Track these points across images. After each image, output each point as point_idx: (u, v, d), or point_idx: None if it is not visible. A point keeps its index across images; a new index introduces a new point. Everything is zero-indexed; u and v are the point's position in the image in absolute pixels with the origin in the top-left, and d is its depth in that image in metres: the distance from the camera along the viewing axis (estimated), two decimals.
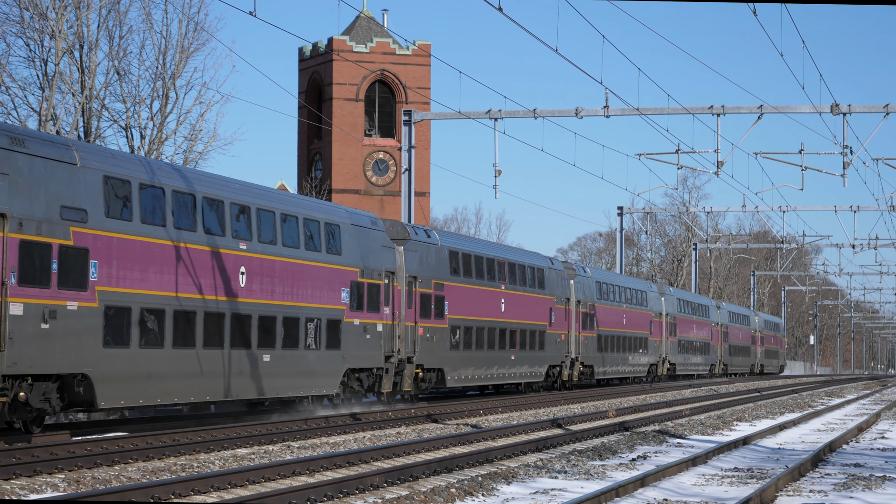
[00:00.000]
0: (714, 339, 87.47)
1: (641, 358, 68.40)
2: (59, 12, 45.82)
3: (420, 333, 40.61)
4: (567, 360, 55.84)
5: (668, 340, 74.64)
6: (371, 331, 37.36)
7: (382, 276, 38.06)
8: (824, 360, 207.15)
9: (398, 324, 39.19)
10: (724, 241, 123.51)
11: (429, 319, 41.40)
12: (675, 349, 76.59)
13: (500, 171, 49.59)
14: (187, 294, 28.79)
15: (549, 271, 53.74)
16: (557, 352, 54.31)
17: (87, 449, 23.33)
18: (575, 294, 56.80)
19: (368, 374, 37.70)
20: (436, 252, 42.34)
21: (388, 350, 38.50)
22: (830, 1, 13.48)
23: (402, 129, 51.82)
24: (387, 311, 38.39)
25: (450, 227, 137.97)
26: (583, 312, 57.81)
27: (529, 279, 50.93)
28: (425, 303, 41.17)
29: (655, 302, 72.35)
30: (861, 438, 31.74)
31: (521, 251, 55.31)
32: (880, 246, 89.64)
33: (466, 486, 19.02)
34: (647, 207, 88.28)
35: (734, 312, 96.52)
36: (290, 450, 25.01)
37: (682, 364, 79.05)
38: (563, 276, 55.68)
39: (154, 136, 49.33)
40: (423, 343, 40.91)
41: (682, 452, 26.13)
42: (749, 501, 17.17)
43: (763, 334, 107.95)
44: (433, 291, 41.75)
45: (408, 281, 39.88)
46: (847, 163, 47.90)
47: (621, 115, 49.23)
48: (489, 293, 46.62)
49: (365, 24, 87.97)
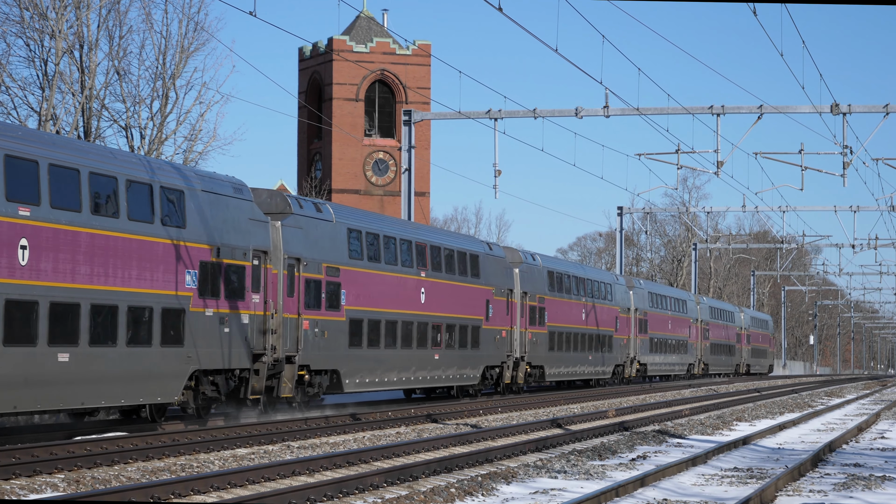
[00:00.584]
0: (693, 336, 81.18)
1: (604, 357, 61.68)
2: (59, 12, 45.83)
3: (305, 327, 34.02)
4: (509, 361, 49.11)
5: (638, 338, 68.77)
6: (231, 323, 30.59)
7: (249, 255, 31.21)
8: (824, 360, 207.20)
9: (273, 315, 32.35)
10: (723, 241, 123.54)
11: (318, 310, 34.71)
12: (645, 348, 70.21)
13: (500, 171, 49.62)
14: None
15: (487, 258, 46.85)
16: (496, 350, 47.54)
17: (86, 449, 23.33)
18: (521, 285, 50.20)
19: (228, 376, 30.93)
20: (331, 230, 35.72)
21: (257, 347, 31.82)
22: (830, 1, 13.48)
23: (402, 129, 51.83)
24: (255, 299, 31.60)
25: (450, 226, 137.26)
26: (530, 306, 51.15)
27: (460, 266, 44.22)
28: (314, 290, 34.56)
29: (623, 296, 65.78)
30: (861, 438, 31.74)
31: (449, 234, 49.31)
32: (880, 246, 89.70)
33: (466, 486, 19.03)
34: (647, 207, 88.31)
35: (716, 308, 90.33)
36: (289, 450, 25.02)
37: (656, 364, 72.80)
38: (504, 263, 48.93)
39: (154, 135, 49.35)
40: (310, 339, 34.27)
41: (682, 452, 26.13)
42: (749, 501, 17.17)
43: (749, 332, 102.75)
44: (325, 277, 35.05)
45: (288, 263, 33.19)
46: (847, 163, 47.91)
47: (621, 115, 49.24)
48: (404, 280, 40.07)
49: (365, 24, 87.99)
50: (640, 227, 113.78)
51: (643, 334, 70.02)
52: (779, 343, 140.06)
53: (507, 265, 49.28)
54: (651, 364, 71.72)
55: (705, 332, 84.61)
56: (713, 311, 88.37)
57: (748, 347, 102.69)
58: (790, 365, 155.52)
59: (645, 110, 48.83)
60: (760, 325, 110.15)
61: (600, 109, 49.02)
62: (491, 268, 47.15)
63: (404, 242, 40.28)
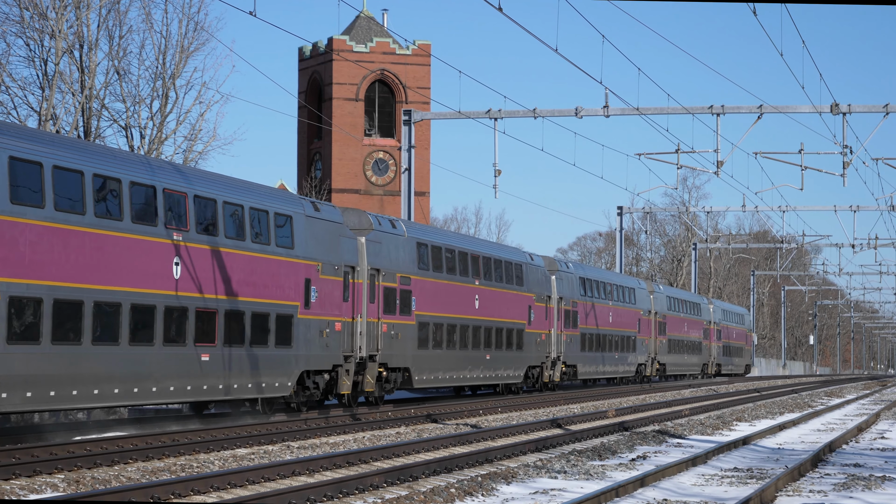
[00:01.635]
0: (643, 331, 70.51)
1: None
2: (59, 12, 45.81)
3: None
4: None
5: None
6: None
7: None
8: (824, 360, 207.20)
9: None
10: (723, 240, 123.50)
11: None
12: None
13: (499, 170, 49.59)
14: None
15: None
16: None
17: (86, 449, 23.34)
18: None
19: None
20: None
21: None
22: (830, 1, 13.48)
23: (402, 128, 51.83)
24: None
25: (450, 226, 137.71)
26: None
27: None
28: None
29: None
30: (861, 438, 31.74)
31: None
32: (880, 246, 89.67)
33: (466, 486, 19.02)
34: (647, 207, 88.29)
35: (676, 299, 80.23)
36: (289, 450, 25.02)
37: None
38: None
39: (154, 135, 49.32)
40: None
41: (682, 452, 26.13)
42: (749, 501, 17.17)
43: (720, 327, 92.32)
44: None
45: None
46: (847, 163, 47.90)
47: (621, 114, 49.23)
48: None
49: (365, 24, 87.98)
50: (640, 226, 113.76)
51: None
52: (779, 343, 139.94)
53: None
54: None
55: (661, 325, 79.61)
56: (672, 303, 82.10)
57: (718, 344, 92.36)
58: (790, 365, 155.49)
59: (645, 110, 48.82)
60: (735, 320, 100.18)
61: (600, 109, 49.01)
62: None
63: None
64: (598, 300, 60.73)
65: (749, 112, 48.90)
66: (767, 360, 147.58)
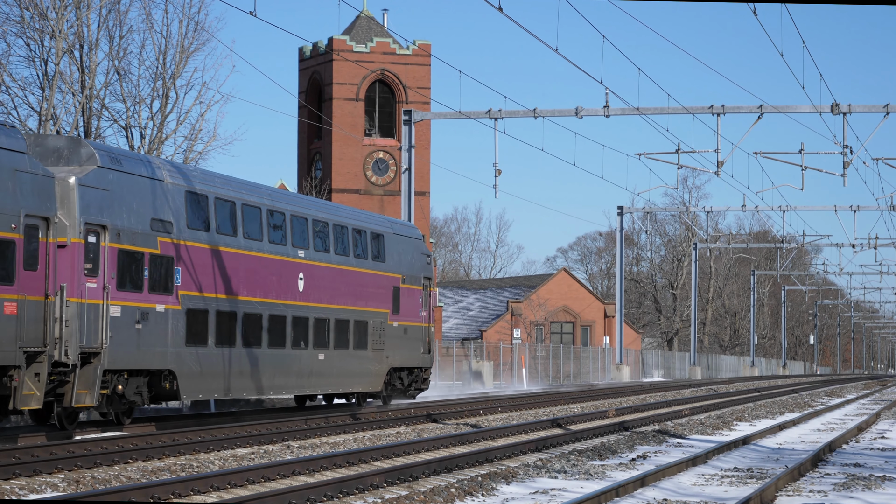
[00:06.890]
0: None
1: None
2: (59, 12, 45.81)
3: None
4: None
5: None
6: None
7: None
8: (824, 360, 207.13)
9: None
10: (724, 240, 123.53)
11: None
12: None
13: (500, 170, 49.65)
14: None
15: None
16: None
17: (86, 449, 23.34)
18: None
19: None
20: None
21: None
22: (830, 1, 13.48)
23: (402, 128, 51.85)
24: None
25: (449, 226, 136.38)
26: None
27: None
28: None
29: None
30: (861, 438, 31.75)
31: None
32: (880, 246, 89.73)
33: (466, 486, 19.02)
34: (647, 207, 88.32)
35: None
36: (289, 450, 25.02)
37: None
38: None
39: (154, 135, 49.32)
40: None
41: (682, 452, 26.13)
42: (749, 501, 17.17)
43: None
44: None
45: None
46: (847, 162, 47.91)
47: (621, 114, 49.24)
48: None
49: (365, 24, 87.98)
50: (640, 226, 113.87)
51: None
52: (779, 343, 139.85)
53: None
54: None
55: None
56: None
57: None
58: (790, 365, 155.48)
59: (645, 110, 48.82)
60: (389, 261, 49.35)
61: (600, 109, 49.01)
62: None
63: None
64: None
65: (749, 112, 48.90)
66: (768, 360, 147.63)
